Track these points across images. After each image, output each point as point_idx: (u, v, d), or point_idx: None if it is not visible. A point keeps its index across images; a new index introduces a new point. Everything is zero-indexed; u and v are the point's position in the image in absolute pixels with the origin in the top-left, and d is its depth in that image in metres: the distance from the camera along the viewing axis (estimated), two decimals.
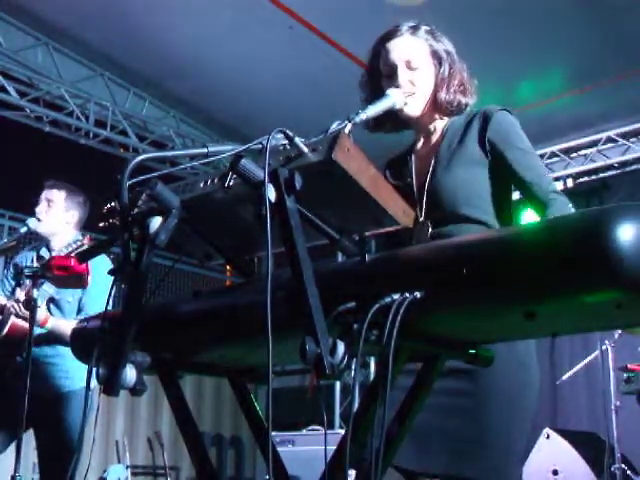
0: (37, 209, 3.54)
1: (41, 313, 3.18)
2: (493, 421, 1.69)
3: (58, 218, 3.53)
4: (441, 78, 1.91)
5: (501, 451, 1.68)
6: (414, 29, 1.94)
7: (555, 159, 6.87)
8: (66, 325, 3.25)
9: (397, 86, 1.89)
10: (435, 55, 1.92)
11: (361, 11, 5.31)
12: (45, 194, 3.57)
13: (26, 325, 3.16)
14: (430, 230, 1.78)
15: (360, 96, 2.01)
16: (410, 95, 1.88)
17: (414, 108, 1.90)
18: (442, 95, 1.90)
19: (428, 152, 1.96)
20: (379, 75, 1.96)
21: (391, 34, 1.94)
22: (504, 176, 1.84)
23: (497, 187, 1.84)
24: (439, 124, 1.97)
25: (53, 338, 3.31)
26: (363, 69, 2.02)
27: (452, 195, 1.82)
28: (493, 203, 1.83)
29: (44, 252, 3.55)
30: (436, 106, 1.92)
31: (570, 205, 1.76)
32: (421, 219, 1.84)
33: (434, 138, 1.96)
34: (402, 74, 1.89)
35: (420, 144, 2.01)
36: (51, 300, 3.37)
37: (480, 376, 1.67)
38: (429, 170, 1.89)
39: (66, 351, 3.25)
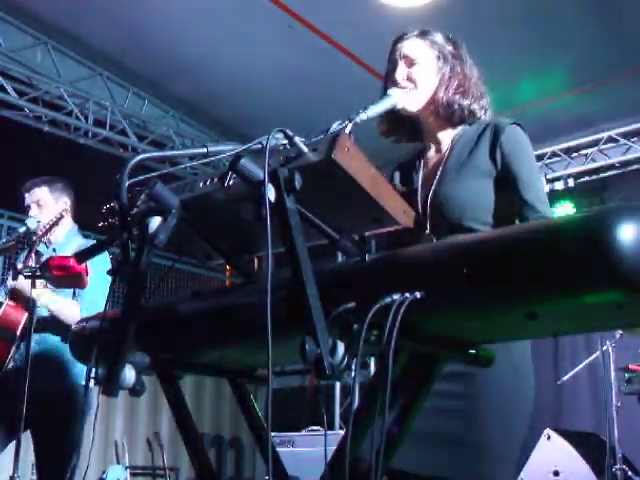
0: (31, 214, 3.55)
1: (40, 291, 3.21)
2: (487, 425, 1.68)
3: (54, 211, 3.52)
4: (441, 78, 1.91)
5: (494, 455, 1.67)
6: (423, 33, 1.95)
7: (555, 159, 6.86)
8: (63, 302, 3.27)
9: (394, 82, 1.89)
10: (440, 57, 1.92)
11: (361, 11, 5.31)
12: (29, 198, 3.59)
13: (19, 314, 3.23)
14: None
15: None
16: (406, 90, 1.88)
17: (411, 103, 1.90)
18: (440, 94, 1.89)
19: (436, 161, 1.94)
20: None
21: (399, 38, 1.96)
22: (509, 189, 1.81)
23: (501, 200, 1.82)
24: (449, 133, 1.95)
25: (51, 321, 3.30)
26: (363, 68, 2.02)
27: (459, 207, 1.80)
28: (496, 216, 1.80)
29: (42, 247, 3.53)
30: (437, 108, 1.91)
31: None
32: (427, 231, 1.82)
33: (443, 147, 1.94)
34: (400, 70, 1.91)
35: (430, 152, 1.99)
36: None
37: (476, 379, 1.68)
38: (435, 180, 1.87)
39: (64, 348, 3.26)
